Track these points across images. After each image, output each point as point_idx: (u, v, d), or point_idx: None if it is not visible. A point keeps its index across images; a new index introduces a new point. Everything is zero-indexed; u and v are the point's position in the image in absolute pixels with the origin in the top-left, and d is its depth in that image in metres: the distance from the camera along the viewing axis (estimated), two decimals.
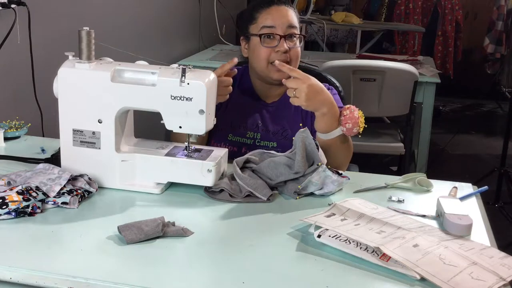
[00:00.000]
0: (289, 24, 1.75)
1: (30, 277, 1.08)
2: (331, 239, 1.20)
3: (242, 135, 1.81)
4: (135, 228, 1.20)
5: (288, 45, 1.74)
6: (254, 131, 1.81)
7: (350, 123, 1.58)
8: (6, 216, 1.27)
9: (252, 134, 1.81)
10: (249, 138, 1.81)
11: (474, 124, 5.59)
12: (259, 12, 1.79)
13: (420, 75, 3.25)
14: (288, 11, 1.78)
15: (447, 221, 1.30)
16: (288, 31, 1.75)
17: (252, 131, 1.81)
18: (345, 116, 1.59)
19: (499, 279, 1.08)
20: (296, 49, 1.77)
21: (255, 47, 1.78)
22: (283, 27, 1.74)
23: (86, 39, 1.43)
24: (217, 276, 1.12)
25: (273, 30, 1.75)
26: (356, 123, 1.59)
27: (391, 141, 3.28)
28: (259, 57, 1.77)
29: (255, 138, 1.81)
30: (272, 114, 1.82)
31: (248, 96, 1.85)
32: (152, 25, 3.53)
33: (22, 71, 2.15)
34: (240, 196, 1.44)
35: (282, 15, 1.76)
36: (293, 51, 1.75)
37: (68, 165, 1.47)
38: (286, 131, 1.81)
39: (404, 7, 5.84)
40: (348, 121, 1.59)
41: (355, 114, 1.59)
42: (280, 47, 1.74)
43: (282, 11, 1.77)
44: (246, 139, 1.81)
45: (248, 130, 1.81)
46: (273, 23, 1.75)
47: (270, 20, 1.75)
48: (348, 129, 1.59)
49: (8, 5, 2.01)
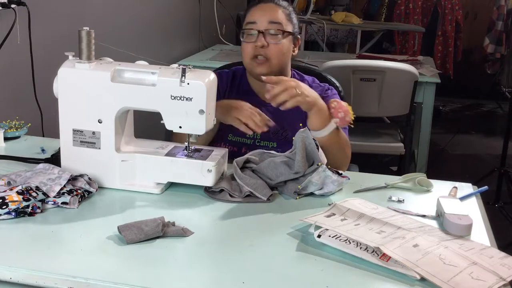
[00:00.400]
0: (270, 19, 1.77)
1: (30, 277, 1.08)
2: (331, 239, 1.20)
3: (242, 135, 1.81)
4: (135, 228, 1.20)
5: (269, 40, 1.76)
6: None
7: (341, 112, 1.62)
8: (6, 216, 1.27)
9: (252, 134, 1.81)
10: (249, 138, 1.81)
11: (474, 124, 5.59)
12: (248, 11, 1.83)
13: (420, 75, 3.25)
14: (274, 7, 1.80)
15: (447, 221, 1.30)
16: (269, 27, 1.76)
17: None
18: (335, 108, 1.63)
19: (499, 279, 1.08)
20: (277, 45, 1.77)
21: (242, 43, 1.82)
22: (263, 22, 1.77)
23: (86, 39, 1.43)
24: (217, 276, 1.12)
25: (254, 25, 1.78)
26: (346, 112, 1.62)
27: (391, 141, 3.28)
28: (243, 53, 1.81)
29: (255, 138, 1.81)
30: (272, 114, 1.82)
31: (248, 96, 1.85)
32: (152, 25, 3.53)
33: (22, 71, 2.15)
34: (240, 196, 1.44)
35: (265, 11, 1.79)
36: (273, 46, 1.76)
37: (68, 165, 1.47)
38: (286, 131, 1.81)
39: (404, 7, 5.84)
40: (339, 111, 1.62)
41: (342, 104, 1.63)
42: (257, 42, 1.76)
43: (267, 8, 1.80)
44: (246, 139, 1.81)
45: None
46: (255, 19, 1.78)
47: (252, 16, 1.79)
48: (341, 118, 1.62)
49: (8, 5, 2.01)
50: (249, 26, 1.79)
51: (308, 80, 1.88)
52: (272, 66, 1.78)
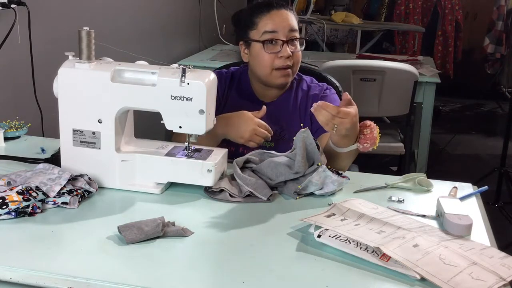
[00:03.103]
0: (290, 28, 1.74)
1: (30, 277, 1.08)
2: (331, 239, 1.20)
3: None
4: (135, 228, 1.20)
5: (291, 49, 1.74)
6: None
7: (368, 143, 1.53)
8: (6, 216, 1.27)
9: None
10: None
11: (474, 124, 5.59)
12: (259, 17, 1.77)
13: (420, 75, 3.25)
14: (288, 14, 1.77)
15: (447, 221, 1.30)
16: (290, 35, 1.74)
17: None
18: (365, 135, 1.54)
19: (499, 279, 1.08)
20: (298, 53, 1.77)
21: (258, 53, 1.76)
22: (284, 31, 1.74)
23: (86, 39, 1.43)
24: (217, 276, 1.12)
25: (275, 35, 1.73)
26: (374, 143, 1.54)
27: (391, 141, 3.28)
28: (262, 63, 1.76)
29: None
30: (270, 114, 1.82)
31: (246, 96, 1.85)
32: (152, 25, 3.53)
33: (22, 71, 2.15)
34: (240, 196, 1.44)
35: (283, 19, 1.75)
36: (295, 55, 1.76)
37: (68, 165, 1.47)
38: (284, 131, 1.81)
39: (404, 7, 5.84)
40: (367, 141, 1.53)
41: (374, 134, 1.54)
42: (283, 52, 1.73)
43: (283, 15, 1.75)
44: None
45: None
46: (275, 28, 1.73)
47: (271, 25, 1.74)
48: (365, 147, 1.54)
49: (8, 5, 2.01)
50: (269, 35, 1.73)
51: (307, 80, 1.88)
52: (293, 75, 1.79)
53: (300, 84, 1.86)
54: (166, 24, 3.76)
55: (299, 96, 1.84)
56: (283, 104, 1.83)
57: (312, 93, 1.82)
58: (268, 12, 1.76)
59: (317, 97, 1.79)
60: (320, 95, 1.80)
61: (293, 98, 1.84)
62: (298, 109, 1.83)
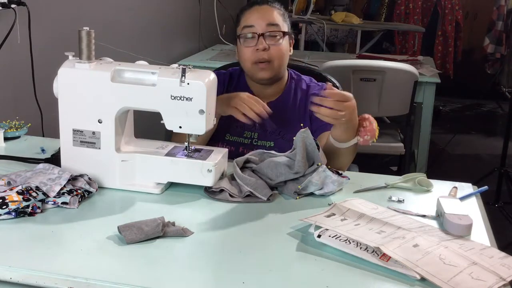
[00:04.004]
0: (268, 22, 1.76)
1: (30, 277, 1.08)
2: (331, 239, 1.20)
3: (239, 134, 1.81)
4: (135, 228, 1.20)
5: (269, 42, 1.75)
6: (252, 130, 1.81)
7: (369, 135, 1.56)
8: (6, 216, 1.27)
9: (249, 134, 1.81)
10: (246, 138, 1.81)
11: (474, 124, 5.59)
12: (242, 14, 1.82)
13: (420, 75, 3.25)
14: (270, 9, 1.79)
15: (447, 221, 1.30)
16: (268, 29, 1.76)
17: (249, 131, 1.81)
18: (365, 128, 1.56)
19: (499, 279, 1.08)
20: (278, 46, 1.77)
21: (239, 48, 1.82)
22: (262, 25, 1.76)
23: (86, 39, 1.43)
24: (217, 276, 1.12)
25: (252, 29, 1.77)
26: (373, 136, 1.57)
27: (391, 141, 3.28)
28: (242, 58, 1.80)
29: (253, 137, 1.81)
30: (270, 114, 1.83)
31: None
32: (152, 25, 3.53)
33: (22, 71, 2.15)
34: (240, 196, 1.44)
35: (262, 14, 1.78)
36: (274, 48, 1.76)
37: (68, 165, 1.47)
38: (283, 131, 1.81)
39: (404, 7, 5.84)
40: (367, 133, 1.56)
41: (374, 127, 1.57)
42: (258, 45, 1.75)
43: (262, 10, 1.79)
44: (243, 139, 1.81)
45: (246, 130, 1.81)
46: (252, 22, 1.77)
47: (249, 20, 1.78)
48: (365, 140, 1.57)
49: (8, 5, 2.01)
50: (246, 30, 1.78)
51: (306, 79, 1.88)
52: (274, 69, 1.78)
53: (299, 84, 1.86)
54: (166, 24, 3.76)
55: (298, 95, 1.84)
56: (282, 103, 1.84)
57: (311, 92, 1.82)
58: (250, 8, 1.81)
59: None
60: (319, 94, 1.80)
61: (292, 98, 1.84)
62: (297, 108, 1.83)
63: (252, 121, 1.64)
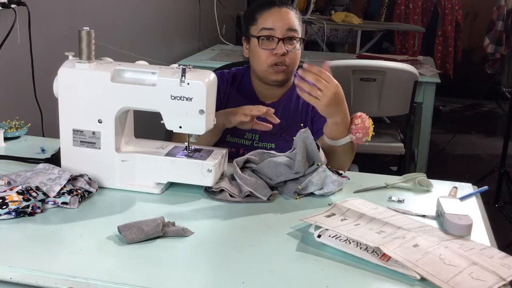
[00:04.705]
0: (288, 27, 1.75)
1: (30, 277, 1.08)
2: (331, 239, 1.20)
3: (241, 136, 1.81)
4: (135, 228, 1.20)
5: (287, 47, 1.74)
6: (253, 132, 1.80)
7: (360, 133, 1.57)
8: (6, 216, 1.27)
9: (250, 135, 1.81)
10: (247, 139, 1.81)
11: (474, 124, 5.59)
12: (259, 13, 1.78)
13: (420, 75, 3.25)
14: (289, 13, 1.77)
15: (447, 221, 1.30)
16: (287, 34, 1.75)
17: (250, 132, 1.81)
18: (357, 125, 1.57)
19: (499, 279, 1.08)
20: (295, 52, 1.77)
21: (255, 48, 1.78)
22: (282, 29, 1.74)
23: (86, 39, 1.43)
24: (217, 276, 1.12)
25: (272, 32, 1.75)
26: (366, 133, 1.57)
27: (391, 141, 3.28)
28: (258, 59, 1.78)
29: (253, 139, 1.81)
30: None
31: (248, 97, 1.85)
32: (152, 25, 3.53)
33: (22, 71, 2.15)
34: (240, 196, 1.44)
35: (282, 17, 1.75)
36: (291, 54, 1.75)
37: (68, 165, 1.47)
38: (284, 132, 1.80)
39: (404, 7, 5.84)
40: (359, 131, 1.56)
41: (366, 124, 1.57)
42: (278, 49, 1.74)
43: (283, 13, 1.76)
44: (244, 140, 1.81)
45: (247, 132, 1.81)
46: (273, 25, 1.74)
47: (270, 22, 1.75)
48: (358, 138, 1.57)
49: (8, 5, 2.01)
50: (266, 32, 1.75)
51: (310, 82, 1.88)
52: (289, 73, 1.78)
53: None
54: (166, 24, 3.76)
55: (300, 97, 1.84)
56: (284, 104, 1.83)
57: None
58: (269, 9, 1.77)
59: None
60: None
61: (294, 99, 1.84)
62: (299, 110, 1.83)
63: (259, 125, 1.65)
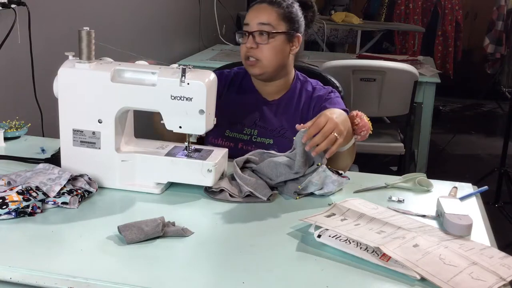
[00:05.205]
0: (260, 21, 1.77)
1: (30, 277, 1.08)
2: (331, 239, 1.20)
3: (239, 131, 1.83)
4: (135, 228, 1.20)
5: (258, 41, 1.76)
6: (252, 127, 1.82)
7: (364, 130, 1.60)
8: (6, 216, 1.27)
9: (249, 131, 1.82)
10: (246, 134, 1.82)
11: (474, 124, 5.59)
12: (247, 11, 1.85)
13: (420, 75, 3.25)
14: (267, 8, 1.79)
15: (447, 221, 1.30)
16: (257, 28, 1.77)
17: (249, 128, 1.82)
18: (358, 125, 1.60)
19: (499, 279, 1.08)
20: (266, 46, 1.77)
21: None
22: (254, 24, 1.77)
23: (86, 39, 1.43)
24: (217, 276, 1.12)
25: (246, 27, 1.79)
26: (368, 128, 1.61)
27: (391, 141, 3.28)
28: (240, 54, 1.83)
29: (252, 134, 1.82)
30: (273, 112, 1.84)
31: (249, 94, 1.87)
32: (152, 25, 3.53)
33: (22, 71, 2.15)
34: (240, 196, 1.44)
35: (257, 13, 1.79)
36: (263, 47, 1.77)
37: (68, 165, 1.47)
38: (284, 129, 1.81)
39: (404, 7, 5.84)
40: (362, 129, 1.60)
41: (365, 120, 1.60)
42: (247, 43, 1.77)
43: (259, 9, 1.80)
44: (243, 135, 1.82)
45: (246, 127, 1.82)
46: (247, 20, 1.79)
47: (247, 18, 1.80)
48: (363, 136, 1.61)
49: (8, 5, 2.01)
50: (244, 27, 1.80)
51: (312, 83, 1.89)
52: (264, 67, 1.78)
53: (305, 85, 1.88)
54: (166, 24, 3.76)
55: (303, 96, 1.85)
56: (285, 103, 1.85)
57: (316, 95, 1.83)
58: (252, 6, 1.83)
59: (322, 99, 1.81)
60: (324, 97, 1.82)
61: (296, 98, 1.85)
62: (300, 109, 1.84)
63: None
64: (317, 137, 1.45)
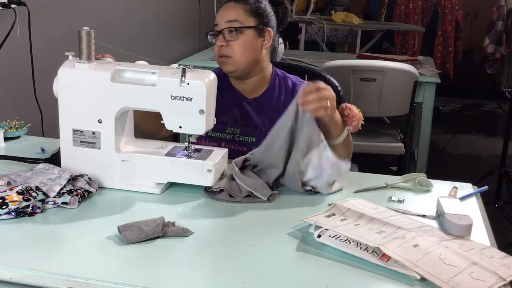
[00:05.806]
0: (227, 19, 1.78)
1: (30, 277, 1.08)
2: (331, 239, 1.20)
3: (222, 130, 1.83)
4: (135, 228, 1.20)
5: (228, 38, 1.77)
6: (234, 126, 1.83)
7: (355, 120, 1.64)
8: (6, 216, 1.27)
9: (232, 130, 1.83)
10: (228, 134, 1.83)
11: (474, 124, 5.59)
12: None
13: (420, 75, 3.25)
14: (232, 6, 1.80)
15: (447, 221, 1.30)
16: (225, 26, 1.78)
17: (232, 127, 1.83)
18: (349, 116, 1.64)
19: (499, 279, 1.08)
20: (235, 42, 1.77)
21: None
22: (222, 23, 1.79)
23: (86, 39, 1.43)
24: (217, 276, 1.12)
25: (216, 27, 1.80)
26: (359, 118, 1.65)
27: (391, 141, 3.28)
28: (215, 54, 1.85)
29: (235, 133, 1.83)
30: (254, 109, 1.84)
31: (229, 93, 1.87)
32: (152, 25, 3.53)
33: (22, 71, 2.16)
34: (240, 196, 1.44)
35: (223, 12, 1.81)
36: (233, 44, 1.77)
37: (68, 165, 1.47)
38: (266, 127, 1.81)
39: (404, 7, 5.84)
40: (353, 119, 1.64)
41: (355, 111, 1.65)
42: (217, 42, 1.79)
43: (225, 8, 1.81)
44: (225, 135, 1.83)
45: (228, 126, 1.83)
46: (217, 21, 1.81)
47: (216, 19, 1.82)
48: (355, 126, 1.65)
49: (8, 5, 2.01)
50: (214, 29, 1.81)
51: (292, 78, 1.89)
52: (236, 63, 1.79)
53: (285, 82, 1.88)
54: (166, 24, 3.76)
55: (282, 92, 1.86)
56: (266, 100, 1.85)
57: (297, 89, 1.83)
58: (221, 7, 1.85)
59: None
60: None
61: (276, 95, 1.85)
62: (281, 106, 1.84)
63: None
64: (312, 96, 1.49)
